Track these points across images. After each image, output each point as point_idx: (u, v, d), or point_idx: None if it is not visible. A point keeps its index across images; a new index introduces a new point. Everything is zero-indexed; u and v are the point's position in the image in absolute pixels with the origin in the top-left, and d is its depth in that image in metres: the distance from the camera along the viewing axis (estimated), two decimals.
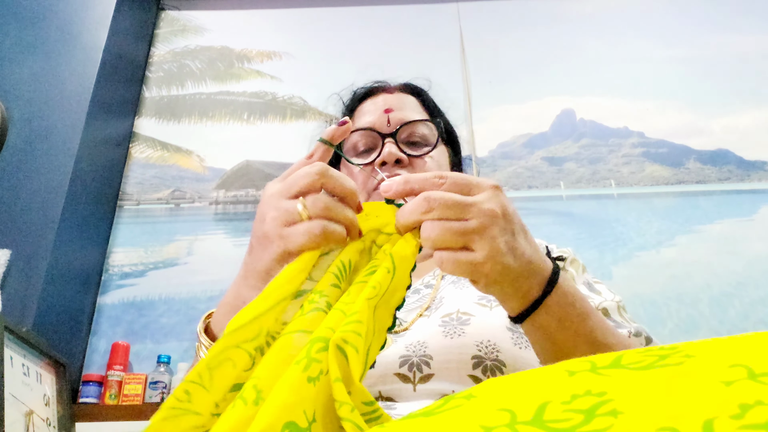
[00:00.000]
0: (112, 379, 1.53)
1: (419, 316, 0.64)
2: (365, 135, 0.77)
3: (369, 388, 0.56)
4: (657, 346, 0.25)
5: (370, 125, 0.77)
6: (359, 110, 0.84)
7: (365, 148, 0.77)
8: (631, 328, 0.61)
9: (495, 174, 2.02)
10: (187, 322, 1.71)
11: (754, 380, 0.19)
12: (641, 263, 1.80)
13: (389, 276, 0.39)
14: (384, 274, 0.39)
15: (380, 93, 0.85)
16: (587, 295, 0.66)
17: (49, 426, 1.22)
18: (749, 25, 2.21)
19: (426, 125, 0.78)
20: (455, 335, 0.58)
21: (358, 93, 0.88)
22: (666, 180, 1.99)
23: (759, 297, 1.72)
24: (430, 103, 0.86)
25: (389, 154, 0.72)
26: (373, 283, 0.38)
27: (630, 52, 2.19)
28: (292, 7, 2.33)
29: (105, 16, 1.89)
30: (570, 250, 0.73)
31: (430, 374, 0.56)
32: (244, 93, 2.17)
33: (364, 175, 0.75)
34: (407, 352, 0.58)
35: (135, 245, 1.86)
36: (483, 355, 0.56)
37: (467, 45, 2.22)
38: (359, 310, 0.35)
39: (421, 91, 0.87)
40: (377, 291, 0.38)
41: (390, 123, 0.77)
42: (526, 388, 0.24)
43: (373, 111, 0.80)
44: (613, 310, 0.64)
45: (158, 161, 2.03)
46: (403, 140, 0.76)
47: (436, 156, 0.77)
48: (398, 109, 0.79)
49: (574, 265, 0.71)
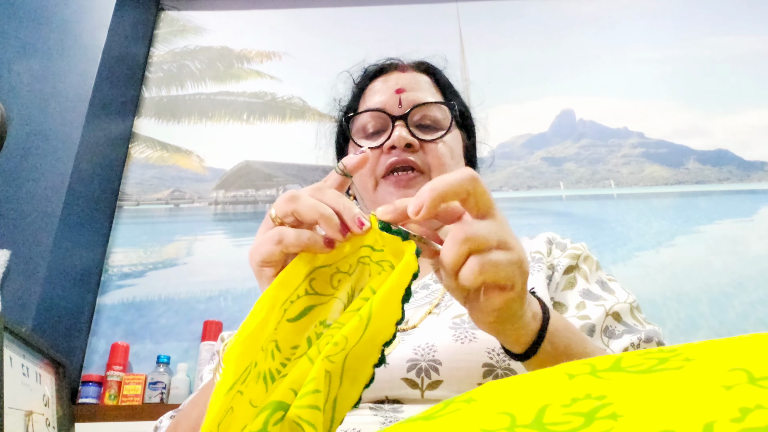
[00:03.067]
0: (111, 379, 1.53)
1: (428, 314, 0.62)
2: (375, 116, 0.73)
3: (375, 392, 0.55)
4: (656, 349, 0.25)
5: (380, 106, 0.74)
6: (370, 89, 0.80)
7: (374, 130, 0.74)
8: (642, 333, 0.59)
9: (495, 174, 2.02)
10: (186, 322, 1.71)
11: (754, 384, 0.19)
12: (641, 263, 1.80)
13: (362, 325, 0.36)
14: (355, 326, 0.36)
15: (393, 71, 0.80)
16: (599, 295, 0.64)
17: (49, 426, 1.22)
18: (749, 25, 2.21)
19: (440, 108, 0.74)
20: (466, 340, 0.55)
21: (369, 70, 0.83)
22: (666, 180, 1.99)
23: (759, 297, 1.72)
24: (445, 83, 0.82)
25: (399, 138, 0.69)
26: (338, 338, 0.36)
27: (630, 52, 2.19)
28: (292, 7, 2.33)
29: (105, 16, 1.89)
30: (584, 245, 0.71)
31: (439, 381, 0.54)
32: (244, 93, 2.17)
33: (372, 159, 0.71)
34: (415, 355, 0.55)
35: (134, 245, 1.86)
36: (494, 363, 0.54)
37: (467, 45, 2.22)
38: (316, 376, 0.34)
39: (435, 70, 0.83)
40: (342, 346, 0.36)
41: (401, 104, 0.73)
42: (526, 391, 0.24)
43: (384, 90, 0.76)
44: (625, 313, 0.62)
45: (158, 161, 2.03)
46: (415, 123, 0.72)
47: (449, 141, 0.74)
48: (411, 89, 0.75)
49: (587, 263, 0.68)
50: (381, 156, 0.71)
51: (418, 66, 0.83)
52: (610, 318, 0.61)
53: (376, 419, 0.51)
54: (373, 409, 0.53)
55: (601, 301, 0.63)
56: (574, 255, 0.68)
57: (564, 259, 0.68)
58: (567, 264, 0.67)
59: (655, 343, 0.59)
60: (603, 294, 0.64)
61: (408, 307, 0.63)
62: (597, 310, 0.61)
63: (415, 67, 0.82)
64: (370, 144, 0.72)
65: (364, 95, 0.80)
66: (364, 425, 0.51)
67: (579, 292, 0.64)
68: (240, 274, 1.77)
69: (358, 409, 0.53)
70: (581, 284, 0.66)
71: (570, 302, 0.64)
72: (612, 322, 0.61)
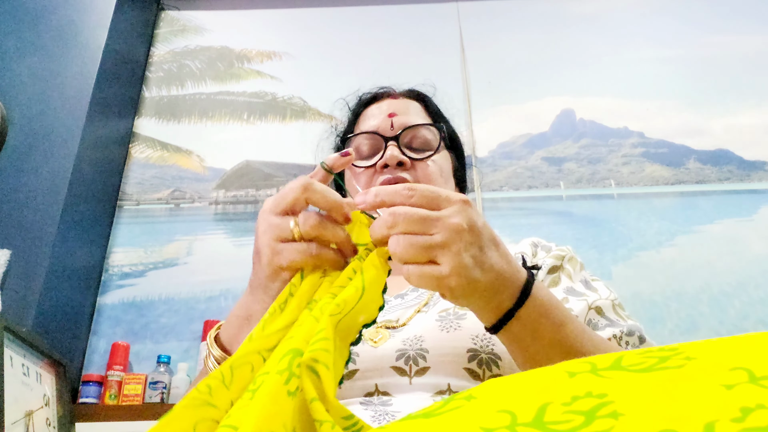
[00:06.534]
0: (111, 379, 1.53)
1: (417, 312, 0.65)
2: (369, 138, 0.79)
3: (365, 381, 0.57)
4: (657, 347, 0.25)
5: (374, 129, 0.79)
6: (364, 114, 0.86)
7: (369, 151, 0.79)
8: (624, 326, 0.61)
9: (495, 174, 2.02)
10: (187, 322, 1.71)
11: (755, 384, 0.19)
12: (641, 263, 1.80)
13: (357, 295, 0.41)
14: (353, 293, 0.41)
15: (385, 98, 0.87)
16: (582, 292, 0.66)
17: (49, 426, 1.22)
18: (749, 25, 2.21)
19: (429, 129, 0.79)
20: (451, 329, 0.59)
21: (363, 98, 0.90)
22: (666, 180, 1.99)
23: (759, 297, 1.72)
24: (434, 109, 0.88)
25: (391, 156, 0.74)
26: (339, 300, 0.39)
27: (630, 52, 2.19)
28: (292, 7, 2.33)
29: (105, 16, 1.89)
30: (568, 248, 0.73)
31: (426, 367, 0.57)
32: (244, 93, 2.17)
33: (367, 178, 0.76)
34: (404, 346, 0.59)
35: (135, 245, 1.86)
36: (478, 348, 0.57)
37: (467, 45, 2.22)
38: (325, 327, 0.37)
39: (425, 97, 0.89)
40: (341, 308, 0.39)
41: (393, 127, 0.78)
42: (527, 389, 0.24)
43: (378, 115, 0.82)
44: (608, 308, 0.64)
45: (158, 161, 2.03)
46: (406, 144, 0.77)
47: (439, 160, 0.79)
48: (402, 113, 0.81)
49: (571, 263, 0.71)
50: (375, 175, 0.76)
51: (409, 93, 0.89)
52: (592, 312, 0.63)
53: (366, 413, 0.53)
54: (363, 404, 0.55)
55: (583, 297, 0.65)
56: (559, 256, 0.71)
57: (548, 259, 0.70)
58: (551, 264, 0.70)
59: (636, 336, 0.61)
60: (586, 291, 0.67)
61: (399, 308, 0.67)
62: (579, 304, 0.63)
63: (405, 94, 0.88)
64: (365, 164, 0.77)
65: (358, 120, 0.87)
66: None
67: (563, 290, 0.67)
68: (240, 273, 1.77)
69: (349, 404, 0.56)
70: (565, 282, 0.68)
71: None
72: (594, 316, 0.63)
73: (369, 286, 0.42)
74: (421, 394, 0.55)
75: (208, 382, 0.35)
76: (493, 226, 0.47)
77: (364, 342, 0.61)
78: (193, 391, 0.34)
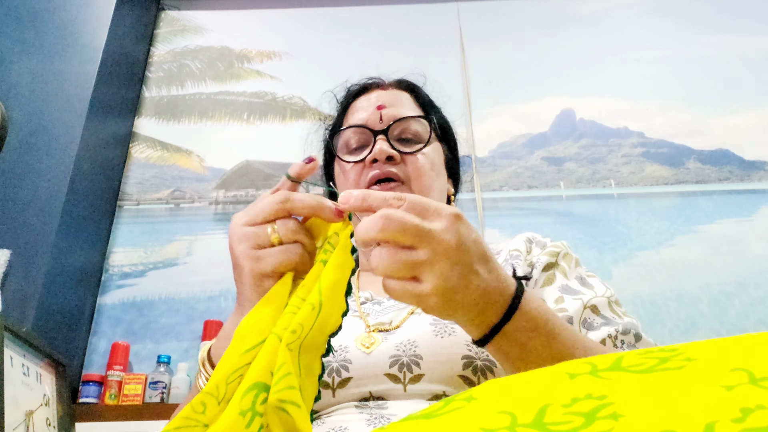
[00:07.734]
0: (112, 379, 1.53)
1: (410, 314, 0.64)
2: (358, 132, 0.77)
3: (359, 388, 0.56)
4: (657, 348, 0.25)
5: (362, 122, 0.77)
6: (353, 107, 0.84)
7: (357, 145, 0.77)
8: (619, 324, 0.60)
9: (495, 174, 2.02)
10: (187, 322, 1.71)
11: (755, 385, 0.19)
12: (641, 263, 1.80)
13: (314, 314, 0.40)
14: (308, 312, 0.40)
15: (374, 89, 0.85)
16: (578, 289, 0.65)
17: (49, 426, 1.22)
18: (749, 25, 2.21)
19: (419, 122, 0.78)
20: (446, 335, 0.58)
21: (351, 90, 0.87)
22: (666, 180, 1.99)
23: (759, 297, 1.72)
24: (425, 99, 0.86)
25: (380, 151, 0.73)
26: (294, 325, 0.39)
27: (630, 52, 2.19)
28: (292, 7, 2.33)
29: (105, 16, 1.89)
30: (564, 244, 0.72)
31: (420, 375, 0.56)
32: (244, 93, 2.17)
33: (356, 173, 0.75)
34: (397, 352, 0.58)
35: (135, 245, 1.86)
36: (473, 355, 0.56)
37: (467, 45, 2.22)
38: (285, 361, 0.36)
39: (415, 87, 0.86)
40: (298, 333, 0.38)
41: (382, 120, 0.76)
42: (527, 390, 0.24)
43: (366, 108, 0.80)
44: (603, 306, 0.63)
45: (158, 161, 2.03)
46: (396, 137, 0.76)
47: (429, 153, 0.77)
48: (391, 105, 0.78)
49: (566, 260, 0.70)
50: (364, 170, 0.74)
51: (398, 84, 0.86)
52: (588, 311, 0.62)
53: (362, 417, 0.53)
54: (358, 407, 0.55)
55: (579, 295, 0.64)
56: (554, 252, 0.70)
57: (543, 256, 0.69)
58: (546, 261, 0.68)
59: (632, 335, 0.60)
60: (582, 289, 0.66)
61: (392, 310, 0.66)
62: (575, 303, 0.62)
63: (395, 84, 0.86)
64: (354, 159, 0.75)
65: (347, 113, 0.84)
66: (350, 423, 0.52)
67: (558, 288, 0.66)
68: None
69: (344, 407, 0.55)
70: (560, 280, 0.67)
71: (548, 298, 0.65)
72: (590, 315, 0.62)
73: (327, 298, 0.40)
74: (416, 401, 0.55)
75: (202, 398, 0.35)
76: (493, 226, 0.46)
77: (356, 347, 0.59)
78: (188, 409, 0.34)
